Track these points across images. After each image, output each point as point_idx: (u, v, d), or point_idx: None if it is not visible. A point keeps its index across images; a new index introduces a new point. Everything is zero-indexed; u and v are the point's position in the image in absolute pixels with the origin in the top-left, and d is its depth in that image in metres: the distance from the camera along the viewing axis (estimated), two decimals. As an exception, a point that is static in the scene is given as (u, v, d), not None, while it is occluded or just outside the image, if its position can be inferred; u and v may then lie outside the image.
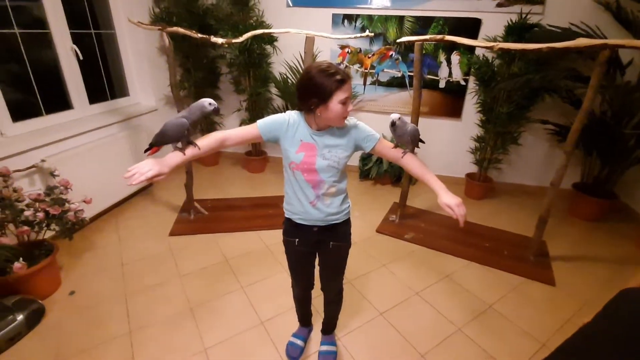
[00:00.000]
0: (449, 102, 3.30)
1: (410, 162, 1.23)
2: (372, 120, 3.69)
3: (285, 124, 1.18)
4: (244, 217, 2.80)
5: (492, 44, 1.99)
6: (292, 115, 1.20)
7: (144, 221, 2.71)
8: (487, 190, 3.29)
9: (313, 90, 1.08)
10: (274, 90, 3.51)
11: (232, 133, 1.19)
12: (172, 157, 1.10)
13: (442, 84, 3.25)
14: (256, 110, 3.49)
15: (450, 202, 1.10)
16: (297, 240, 1.34)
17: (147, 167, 1.00)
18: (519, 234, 2.71)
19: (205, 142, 1.15)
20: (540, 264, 2.36)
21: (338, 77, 1.05)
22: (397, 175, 3.44)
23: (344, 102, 1.08)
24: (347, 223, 1.36)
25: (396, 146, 1.25)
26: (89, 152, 2.55)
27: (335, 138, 1.18)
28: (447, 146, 3.45)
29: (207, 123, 3.77)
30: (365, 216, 2.91)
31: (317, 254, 1.42)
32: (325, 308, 1.61)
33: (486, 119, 3.06)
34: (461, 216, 1.08)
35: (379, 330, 1.81)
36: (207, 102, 1.16)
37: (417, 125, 2.56)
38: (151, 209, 2.90)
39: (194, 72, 3.42)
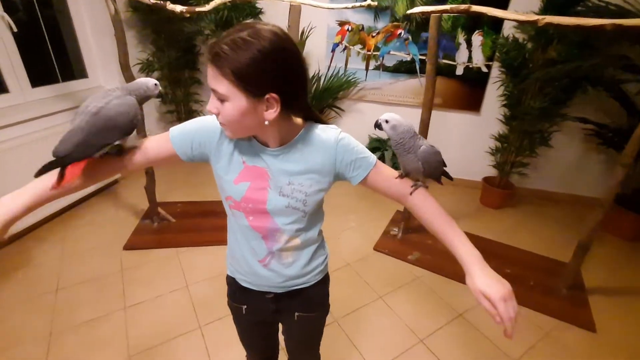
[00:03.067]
0: (467, 93, 2.78)
1: (422, 205, 0.74)
2: (375, 113, 3.18)
3: (216, 133, 0.71)
4: (217, 227, 2.35)
5: (535, 17, 1.47)
6: None
7: (97, 229, 2.28)
8: (507, 198, 2.81)
9: None
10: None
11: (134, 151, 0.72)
12: (14, 200, 0.62)
13: (459, 71, 2.72)
14: (239, 97, 2.99)
15: (489, 291, 0.59)
16: (244, 307, 0.89)
17: None
18: (546, 256, 2.24)
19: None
20: (575, 300, 1.90)
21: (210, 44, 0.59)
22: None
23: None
24: (322, 284, 0.90)
25: (402, 175, 0.78)
26: (31, 145, 2.09)
27: (301, 160, 0.71)
28: (462, 145, 2.95)
29: (187, 111, 3.29)
30: (362, 228, 2.46)
31: (278, 321, 0.97)
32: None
33: (511, 114, 2.54)
34: (508, 320, 0.58)
35: (370, 396, 1.38)
36: (152, 83, 0.77)
37: (428, 119, 2.07)
38: (110, 214, 2.46)
39: (167, 50, 2.91)
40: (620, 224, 2.49)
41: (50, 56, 2.42)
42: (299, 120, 0.72)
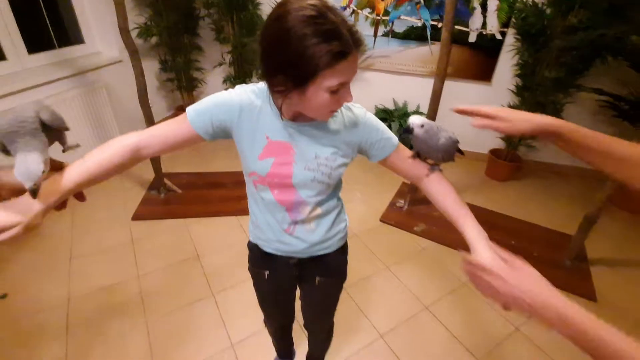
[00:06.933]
0: (479, 62, 2.68)
1: (437, 187, 0.75)
2: (383, 83, 3.10)
3: (236, 109, 0.68)
4: (225, 198, 2.36)
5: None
6: (249, 92, 0.70)
7: (105, 200, 2.29)
8: (514, 171, 2.80)
9: (284, 58, 0.56)
10: (264, 40, 2.87)
11: (151, 137, 0.66)
12: (56, 180, 0.55)
13: (472, 38, 2.61)
14: (243, 65, 2.89)
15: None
16: (267, 272, 0.92)
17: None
18: (551, 229, 2.27)
19: (100, 157, 0.60)
20: (577, 271, 1.95)
21: (336, 43, 0.53)
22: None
23: (336, 90, 0.58)
24: (342, 252, 0.91)
25: (416, 156, 0.77)
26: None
27: (326, 134, 0.70)
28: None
29: (188, 79, 3.18)
30: (368, 199, 2.47)
31: (297, 285, 1.00)
32: (310, 345, 1.23)
33: (524, 85, 2.47)
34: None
35: (377, 359, 1.45)
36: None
37: (440, 90, 2.01)
38: (116, 184, 2.46)
39: (165, 14, 2.77)
40: (631, 197, 2.49)
41: (45, 20, 2.31)
42: None
